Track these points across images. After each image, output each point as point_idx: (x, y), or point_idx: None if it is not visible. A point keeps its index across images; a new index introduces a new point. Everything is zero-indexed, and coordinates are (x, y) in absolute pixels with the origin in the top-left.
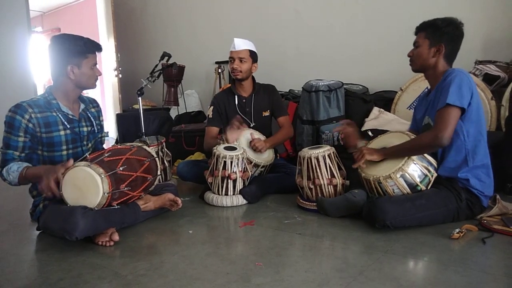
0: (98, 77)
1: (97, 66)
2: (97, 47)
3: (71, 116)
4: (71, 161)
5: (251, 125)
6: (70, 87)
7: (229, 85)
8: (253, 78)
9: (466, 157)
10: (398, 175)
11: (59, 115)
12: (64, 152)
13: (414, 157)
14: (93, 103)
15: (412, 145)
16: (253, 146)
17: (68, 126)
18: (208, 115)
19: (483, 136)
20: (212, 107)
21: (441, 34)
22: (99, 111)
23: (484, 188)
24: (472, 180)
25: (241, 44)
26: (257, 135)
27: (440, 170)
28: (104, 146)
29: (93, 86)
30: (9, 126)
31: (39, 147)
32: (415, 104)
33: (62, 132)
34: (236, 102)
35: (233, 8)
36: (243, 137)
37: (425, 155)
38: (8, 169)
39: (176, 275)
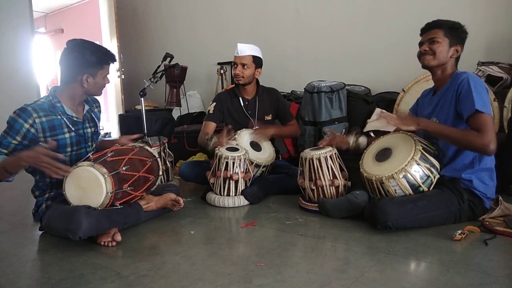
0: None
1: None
2: (113, 58)
3: (75, 119)
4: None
5: (254, 128)
6: (78, 93)
7: (232, 86)
8: (257, 81)
9: (473, 160)
10: (400, 176)
11: (64, 118)
12: (68, 154)
13: (417, 158)
14: (95, 102)
15: (461, 138)
16: (256, 136)
17: (73, 128)
18: (209, 110)
19: None
20: (214, 103)
21: (458, 36)
22: (100, 111)
23: (486, 190)
24: (475, 181)
25: (245, 50)
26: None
27: (445, 170)
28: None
29: (100, 94)
30: (9, 127)
31: None
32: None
33: (67, 135)
34: (242, 104)
35: (234, 9)
36: (243, 137)
37: (428, 156)
38: None
39: (177, 276)
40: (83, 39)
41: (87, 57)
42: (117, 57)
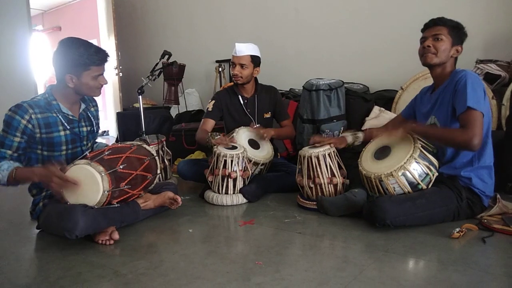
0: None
1: (104, 75)
2: (103, 59)
3: (71, 117)
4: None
5: (255, 126)
6: (70, 92)
7: (230, 84)
8: (255, 79)
9: (472, 158)
10: (399, 173)
11: (59, 116)
12: (64, 152)
13: (416, 156)
14: (92, 102)
15: (445, 136)
16: (259, 133)
17: (68, 126)
18: (208, 108)
19: (489, 138)
20: (213, 101)
21: (460, 36)
22: (97, 110)
23: (485, 188)
24: (474, 179)
25: (243, 50)
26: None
27: (444, 168)
28: (104, 143)
29: (95, 95)
30: (7, 125)
31: (38, 147)
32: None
33: (62, 133)
34: (242, 102)
35: (233, 7)
36: (241, 135)
37: (427, 154)
38: None
39: (176, 274)
40: (74, 37)
41: (69, 57)
42: (114, 56)
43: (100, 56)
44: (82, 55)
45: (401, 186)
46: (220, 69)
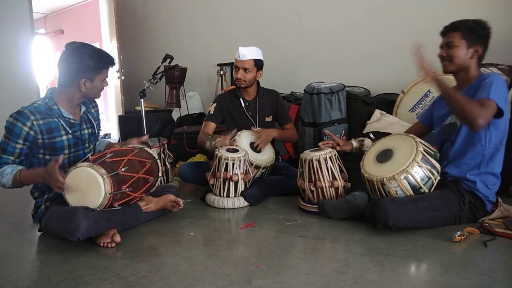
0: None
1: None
2: (112, 62)
3: (72, 121)
4: (62, 157)
5: (257, 129)
6: (76, 96)
7: (232, 87)
8: (257, 82)
9: (481, 162)
10: (402, 177)
11: (61, 120)
12: (66, 156)
13: (418, 159)
14: (92, 103)
15: (461, 101)
16: (257, 144)
17: (70, 130)
18: (209, 111)
19: (503, 145)
20: (215, 104)
21: (477, 36)
22: (97, 111)
23: (489, 193)
24: (479, 183)
25: (246, 54)
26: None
27: (450, 168)
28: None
29: (99, 97)
30: (9, 132)
31: (41, 151)
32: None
33: (64, 137)
34: (243, 105)
35: (234, 11)
36: (243, 139)
37: (429, 158)
38: (2, 171)
39: (177, 277)
40: (82, 42)
41: (85, 62)
42: (116, 59)
43: (110, 59)
44: (96, 60)
45: (403, 189)
46: (221, 73)
